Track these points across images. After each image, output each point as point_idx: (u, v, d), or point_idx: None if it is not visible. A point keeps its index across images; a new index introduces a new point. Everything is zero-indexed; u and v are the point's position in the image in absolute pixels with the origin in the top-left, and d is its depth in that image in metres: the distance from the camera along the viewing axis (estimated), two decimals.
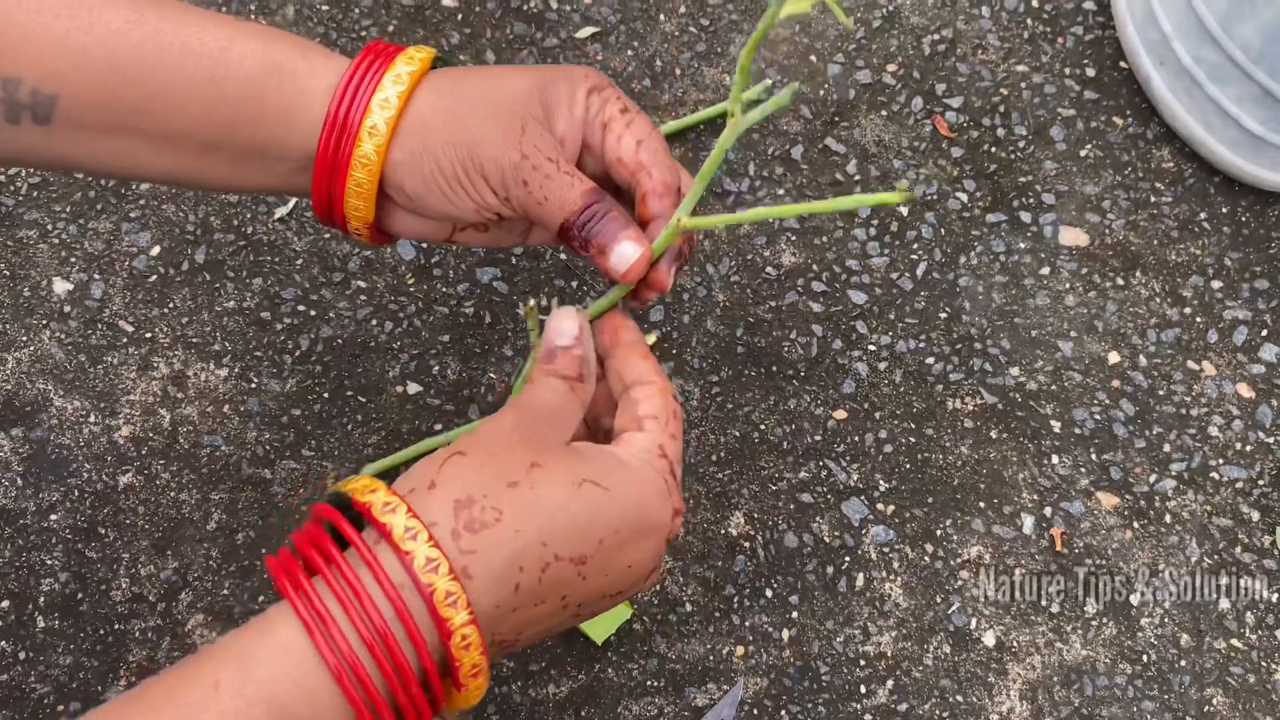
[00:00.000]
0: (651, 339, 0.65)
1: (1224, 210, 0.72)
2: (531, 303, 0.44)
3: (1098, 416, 0.66)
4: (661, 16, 0.76)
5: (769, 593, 0.60)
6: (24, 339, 0.64)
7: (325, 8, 0.75)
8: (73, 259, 0.67)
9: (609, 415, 0.42)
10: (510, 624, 0.36)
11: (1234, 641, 0.61)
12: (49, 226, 0.68)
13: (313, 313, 0.66)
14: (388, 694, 0.33)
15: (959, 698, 0.59)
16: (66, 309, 0.65)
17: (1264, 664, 0.60)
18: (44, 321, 0.65)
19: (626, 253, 0.41)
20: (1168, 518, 0.63)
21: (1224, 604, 0.62)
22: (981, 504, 0.63)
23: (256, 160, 0.42)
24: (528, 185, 0.41)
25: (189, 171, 0.42)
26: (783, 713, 0.58)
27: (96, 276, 0.66)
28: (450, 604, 0.33)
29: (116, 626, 0.58)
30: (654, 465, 0.39)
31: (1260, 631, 0.61)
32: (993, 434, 0.65)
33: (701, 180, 0.41)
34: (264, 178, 0.43)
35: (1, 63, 0.38)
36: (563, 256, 0.68)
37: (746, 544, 0.61)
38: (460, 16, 0.75)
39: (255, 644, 0.33)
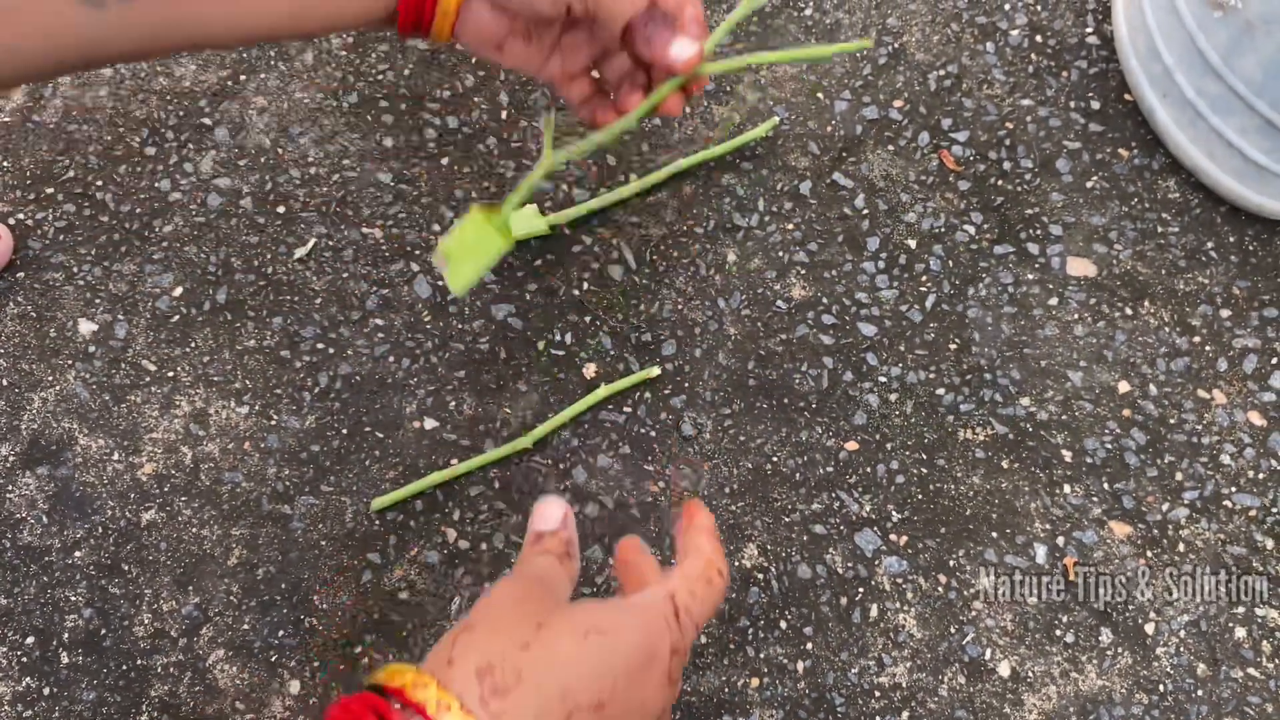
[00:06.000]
0: (655, 372, 0.66)
1: (1231, 239, 0.73)
2: (552, 114, 0.52)
3: (1109, 446, 0.66)
4: None
5: (783, 624, 0.61)
6: (50, 379, 0.66)
7: (344, 54, 0.77)
8: (97, 300, 0.68)
9: None
10: None
11: (1251, 670, 0.60)
12: (74, 269, 0.69)
13: (331, 350, 0.67)
14: None
15: None
16: (91, 349, 0.67)
17: None
18: (69, 361, 0.66)
19: (686, 46, 0.49)
20: (1181, 546, 0.63)
21: (1240, 633, 0.61)
22: (994, 534, 0.63)
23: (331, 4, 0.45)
24: None
25: (264, 32, 0.45)
26: None
27: (120, 317, 0.68)
28: None
29: (139, 661, 0.59)
30: (657, 605, 0.41)
31: (1278, 660, 0.61)
32: (1004, 464, 0.65)
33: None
34: (339, 6, 0.46)
35: None
36: (576, 293, 0.69)
37: (760, 576, 0.62)
38: (474, 60, 0.77)
39: None
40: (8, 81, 0.47)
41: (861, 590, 0.61)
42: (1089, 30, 0.80)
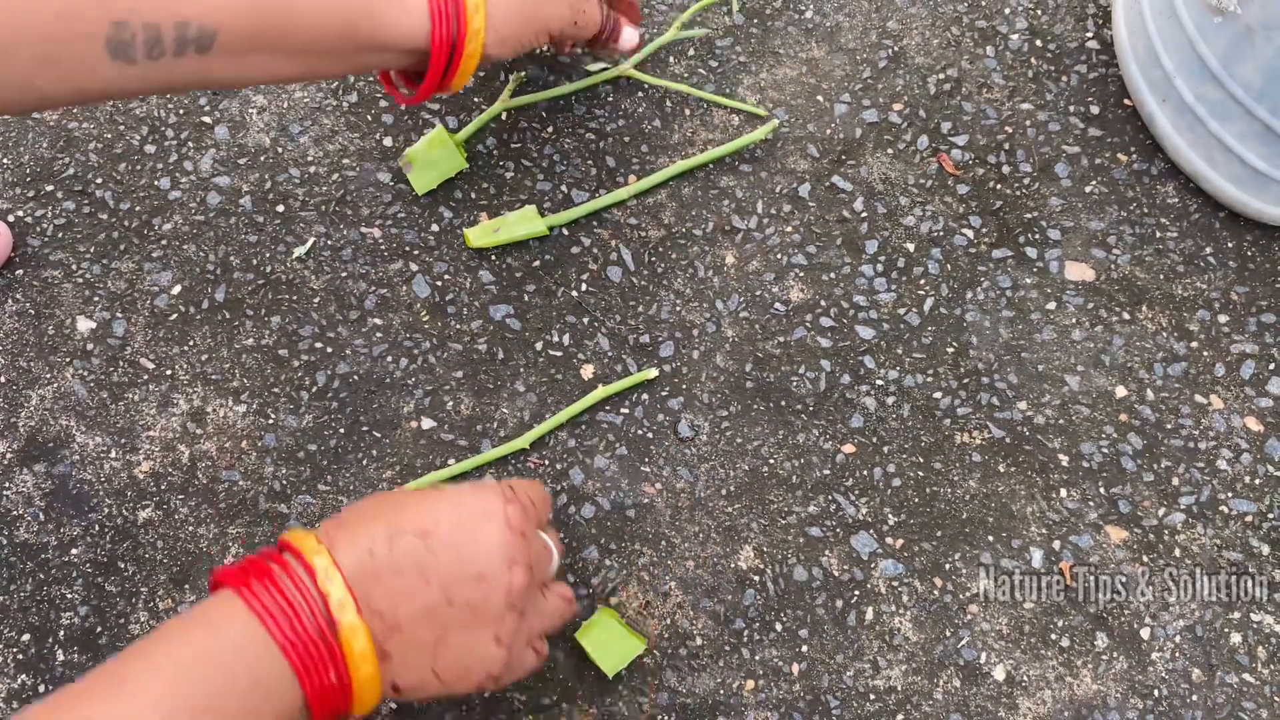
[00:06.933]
0: (652, 374, 0.66)
1: (1229, 245, 0.73)
2: (521, 73, 0.75)
3: (1105, 450, 0.66)
4: (671, 59, 0.78)
5: (779, 626, 0.61)
6: (48, 376, 0.66)
7: None
8: (96, 298, 0.68)
9: None
10: (380, 595, 0.45)
11: (1246, 676, 0.60)
12: (73, 266, 0.69)
13: (329, 350, 0.67)
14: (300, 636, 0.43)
15: None
16: (89, 347, 0.67)
17: (1276, 699, 0.60)
18: (67, 359, 0.66)
19: (631, 36, 0.71)
20: (1177, 551, 0.63)
21: (1235, 638, 0.61)
22: (990, 538, 0.63)
23: (367, 54, 0.56)
24: (578, 24, 0.65)
25: (313, 72, 0.55)
26: None
27: (119, 315, 0.68)
28: (317, 554, 0.45)
29: None
30: (489, 483, 0.51)
31: (1272, 666, 0.61)
32: (1001, 468, 0.65)
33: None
34: (368, 65, 0.57)
35: (173, 10, 0.47)
36: (574, 294, 0.69)
37: (756, 578, 0.62)
38: None
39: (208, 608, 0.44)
40: (24, 112, 0.52)
41: (857, 593, 0.62)
42: (1089, 35, 0.80)
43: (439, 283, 0.69)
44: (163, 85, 0.50)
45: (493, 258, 0.70)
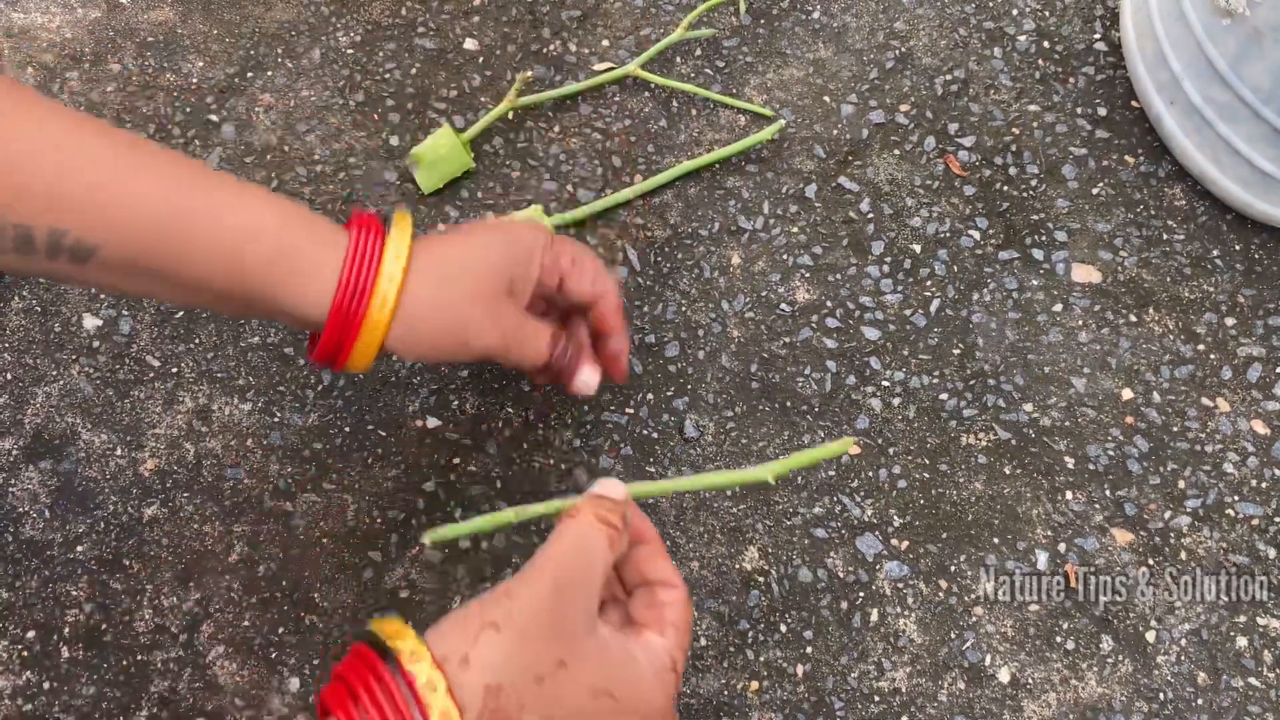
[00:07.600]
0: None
1: (1237, 247, 0.73)
2: (522, 73, 0.72)
3: (1111, 453, 0.66)
4: (678, 59, 0.78)
5: (783, 628, 0.61)
6: (54, 374, 0.66)
7: (350, 52, 0.77)
8: (102, 296, 0.68)
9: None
10: None
11: (1252, 680, 0.60)
12: None
13: None
14: None
15: None
16: (95, 344, 0.67)
17: None
18: (73, 356, 0.66)
19: (588, 378, 0.58)
20: (1183, 554, 0.63)
21: (1241, 642, 0.61)
22: (995, 540, 0.63)
23: (266, 310, 0.50)
24: (509, 351, 0.54)
25: (207, 306, 0.51)
26: None
27: (125, 312, 0.68)
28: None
29: (139, 657, 0.59)
30: (665, 680, 0.44)
31: (1278, 670, 0.61)
32: (1006, 470, 0.65)
33: None
34: (268, 317, 0.52)
35: (52, 217, 0.44)
36: None
37: (761, 579, 0.62)
38: (481, 59, 0.77)
39: None
40: None
41: (862, 595, 0.61)
42: (1097, 36, 0.80)
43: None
44: (37, 275, 0.48)
45: None
